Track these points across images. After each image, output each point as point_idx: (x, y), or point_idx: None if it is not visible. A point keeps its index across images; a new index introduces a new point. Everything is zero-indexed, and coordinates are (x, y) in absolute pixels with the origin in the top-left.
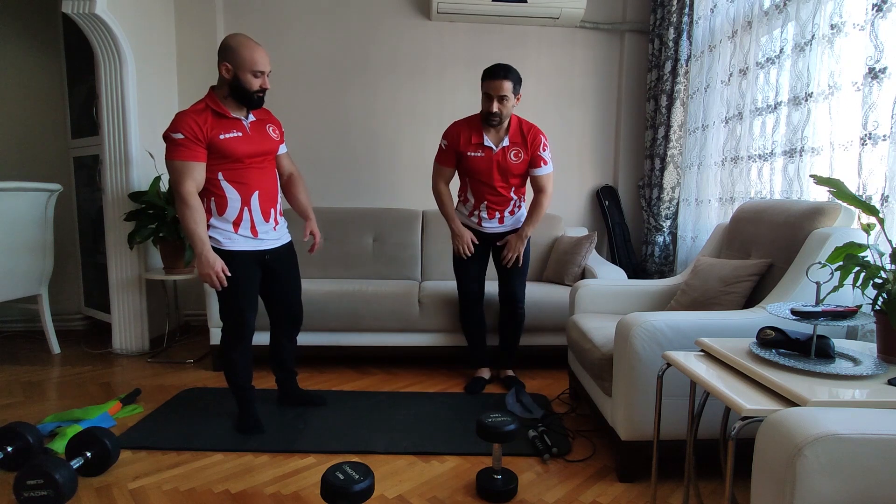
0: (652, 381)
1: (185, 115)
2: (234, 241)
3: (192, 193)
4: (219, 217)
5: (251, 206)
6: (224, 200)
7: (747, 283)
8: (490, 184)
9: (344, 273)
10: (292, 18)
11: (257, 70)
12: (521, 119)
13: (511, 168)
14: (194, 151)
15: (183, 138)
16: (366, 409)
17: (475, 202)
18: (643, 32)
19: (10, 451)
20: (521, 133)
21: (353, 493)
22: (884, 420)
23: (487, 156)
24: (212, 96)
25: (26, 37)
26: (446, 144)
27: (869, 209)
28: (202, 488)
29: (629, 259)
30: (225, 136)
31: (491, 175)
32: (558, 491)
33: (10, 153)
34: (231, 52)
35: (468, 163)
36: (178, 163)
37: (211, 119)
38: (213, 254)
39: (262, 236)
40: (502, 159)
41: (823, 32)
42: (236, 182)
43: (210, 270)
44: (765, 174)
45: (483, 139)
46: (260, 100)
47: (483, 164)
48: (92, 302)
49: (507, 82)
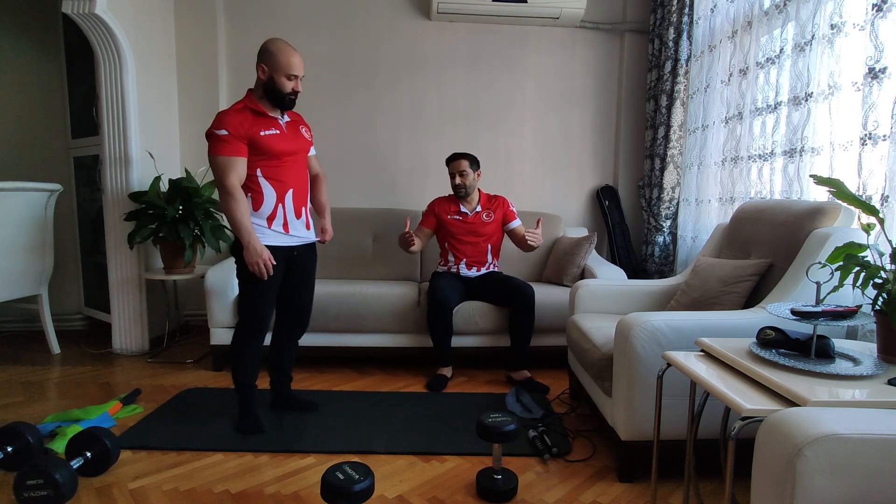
0: (652, 381)
1: (227, 113)
2: (266, 237)
3: (236, 186)
4: (254, 213)
5: (285, 202)
6: (260, 196)
7: (747, 283)
8: (468, 241)
9: (344, 273)
10: (292, 18)
11: (291, 73)
12: (486, 193)
13: (484, 227)
14: (237, 147)
15: (227, 134)
16: (366, 409)
17: (455, 262)
18: (643, 32)
19: (10, 451)
20: (489, 201)
21: (353, 493)
22: (884, 420)
23: (464, 219)
24: (249, 97)
25: (26, 37)
26: (428, 211)
27: (869, 209)
28: (202, 488)
29: (629, 259)
30: (265, 133)
31: (467, 236)
32: (558, 491)
33: (10, 153)
34: (268, 55)
35: (448, 226)
36: (223, 158)
37: (251, 117)
38: (259, 243)
39: (293, 233)
40: (476, 220)
41: (823, 32)
42: (273, 179)
43: (258, 258)
44: (765, 174)
45: (460, 207)
46: (291, 102)
47: (460, 225)
48: (92, 302)
49: (464, 160)
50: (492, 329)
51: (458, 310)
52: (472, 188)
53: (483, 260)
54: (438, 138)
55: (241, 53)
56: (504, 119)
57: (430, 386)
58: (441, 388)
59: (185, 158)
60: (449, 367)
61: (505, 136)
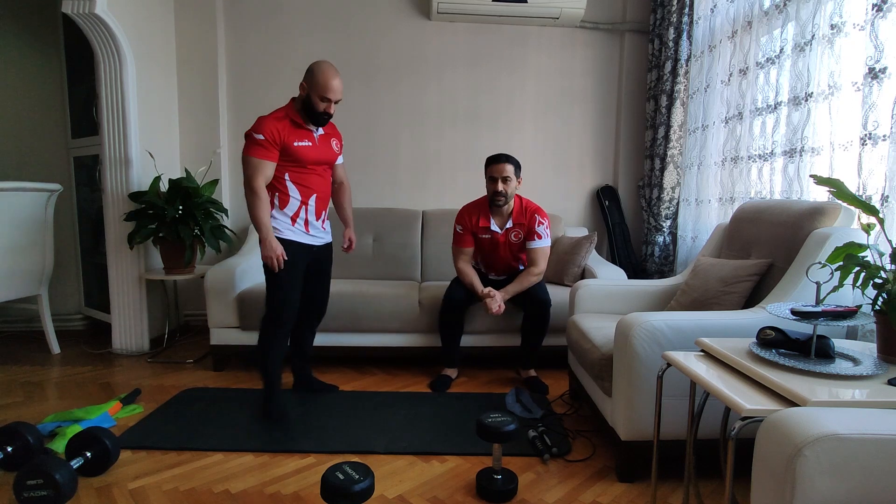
0: (652, 381)
1: (267, 120)
2: (291, 232)
3: (262, 187)
4: (280, 210)
5: (308, 205)
6: (287, 197)
7: (747, 283)
8: (497, 255)
9: (344, 273)
10: (292, 18)
11: (325, 96)
12: (523, 200)
13: (513, 245)
14: (270, 152)
15: (263, 139)
16: (366, 409)
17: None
18: (643, 32)
19: (10, 451)
20: (523, 215)
21: (353, 493)
22: (884, 420)
23: (493, 237)
24: (291, 107)
25: (26, 37)
26: (462, 229)
27: (869, 209)
28: (202, 488)
29: (629, 259)
30: (298, 144)
31: (496, 249)
32: (558, 491)
33: (10, 153)
34: (310, 74)
35: (477, 241)
36: (255, 160)
37: (288, 126)
38: (276, 240)
39: (313, 233)
40: (506, 239)
41: (823, 32)
42: (299, 184)
43: (273, 254)
44: (765, 174)
45: (490, 223)
46: (323, 121)
47: (489, 242)
48: (92, 302)
49: (510, 165)
50: (499, 328)
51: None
52: (511, 197)
53: (514, 270)
54: (438, 138)
55: (240, 54)
56: (504, 119)
57: (434, 386)
58: (444, 389)
59: (185, 158)
60: (454, 368)
61: (505, 136)
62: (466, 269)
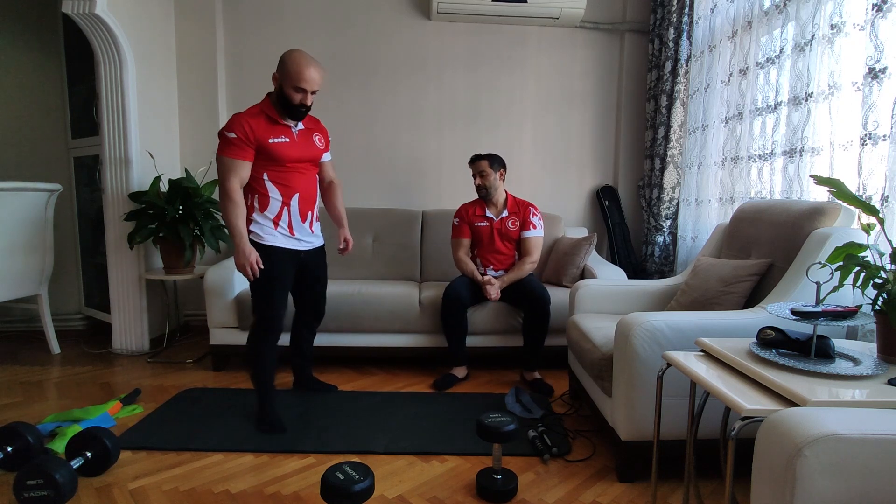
0: (652, 381)
1: (240, 117)
2: (273, 237)
3: (236, 189)
4: (260, 213)
5: (291, 206)
6: (266, 199)
7: (747, 283)
8: (494, 247)
9: (344, 273)
10: (292, 18)
11: (299, 86)
12: (515, 197)
13: (510, 234)
14: (243, 151)
15: (235, 137)
16: (366, 409)
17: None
18: (643, 32)
19: (10, 451)
20: (516, 206)
21: (353, 493)
22: (884, 420)
23: (490, 225)
24: (266, 102)
25: (26, 37)
26: (459, 220)
27: (869, 209)
28: (202, 488)
29: (629, 259)
30: (274, 141)
31: (493, 239)
32: (558, 491)
33: (10, 153)
34: (281, 64)
35: (476, 232)
36: (228, 159)
37: (264, 123)
38: (249, 246)
39: (299, 236)
40: (502, 227)
41: (823, 32)
42: (279, 183)
43: (245, 261)
44: (765, 174)
45: (485, 212)
46: (300, 114)
47: (486, 231)
48: (92, 302)
49: (483, 161)
50: (498, 329)
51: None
52: (494, 189)
53: (508, 263)
54: (438, 138)
55: (240, 53)
56: (504, 119)
57: (437, 385)
58: (447, 388)
59: (185, 158)
60: (462, 367)
61: (505, 136)
62: (465, 259)
